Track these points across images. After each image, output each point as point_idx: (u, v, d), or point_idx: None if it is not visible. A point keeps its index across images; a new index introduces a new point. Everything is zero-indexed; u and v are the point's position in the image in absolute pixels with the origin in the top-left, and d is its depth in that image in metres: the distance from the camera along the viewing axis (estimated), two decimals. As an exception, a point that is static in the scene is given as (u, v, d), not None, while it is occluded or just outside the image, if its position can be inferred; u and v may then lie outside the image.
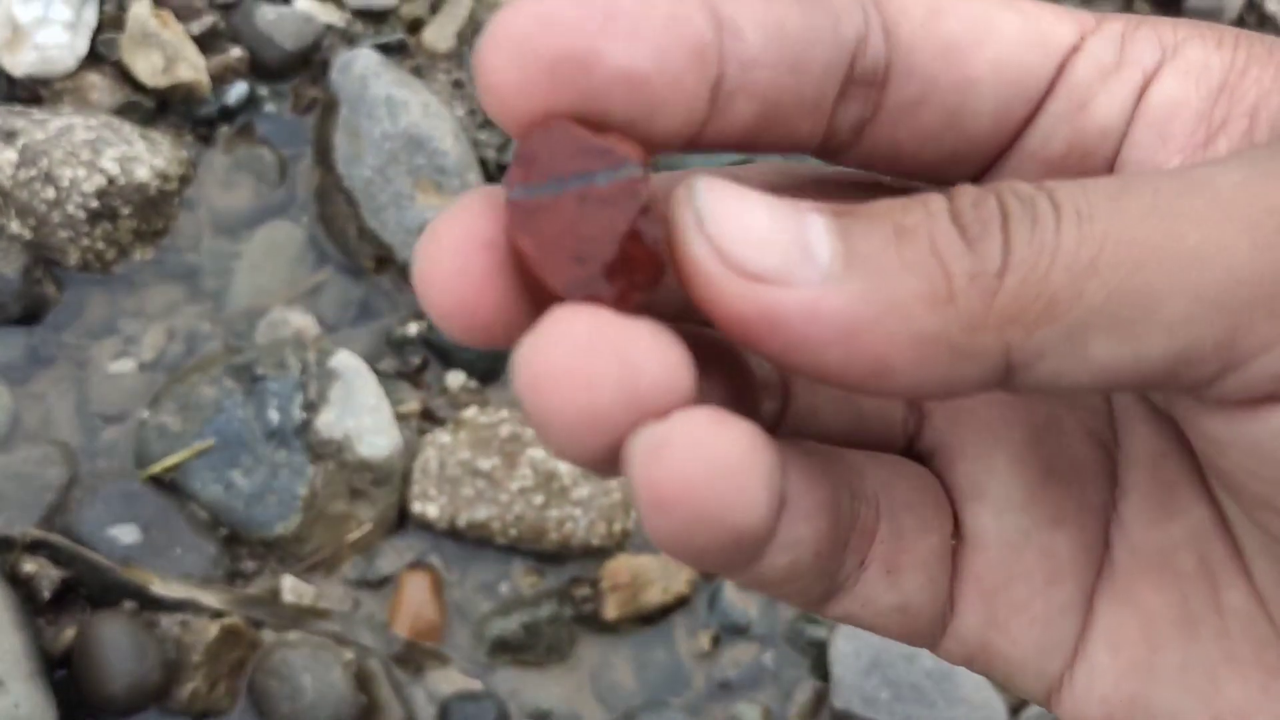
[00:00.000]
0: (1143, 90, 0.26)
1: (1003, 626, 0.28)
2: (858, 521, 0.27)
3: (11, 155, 1.11)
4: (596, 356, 0.21)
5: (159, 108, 1.21)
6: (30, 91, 1.19)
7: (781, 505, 0.24)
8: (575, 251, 0.22)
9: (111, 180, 1.13)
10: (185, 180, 1.20)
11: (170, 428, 1.09)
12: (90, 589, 1.03)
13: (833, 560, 0.26)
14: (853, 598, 0.27)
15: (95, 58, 1.20)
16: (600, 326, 0.21)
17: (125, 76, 1.20)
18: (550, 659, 1.10)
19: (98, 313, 1.15)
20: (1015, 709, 1.11)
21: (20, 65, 1.18)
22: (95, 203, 1.12)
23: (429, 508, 1.11)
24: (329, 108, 1.22)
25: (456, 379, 1.17)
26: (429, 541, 1.12)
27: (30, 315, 1.13)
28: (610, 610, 1.11)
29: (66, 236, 1.13)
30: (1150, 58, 0.26)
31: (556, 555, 1.12)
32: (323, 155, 1.21)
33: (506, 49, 0.22)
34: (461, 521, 1.11)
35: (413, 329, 1.17)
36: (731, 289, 0.21)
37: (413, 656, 1.08)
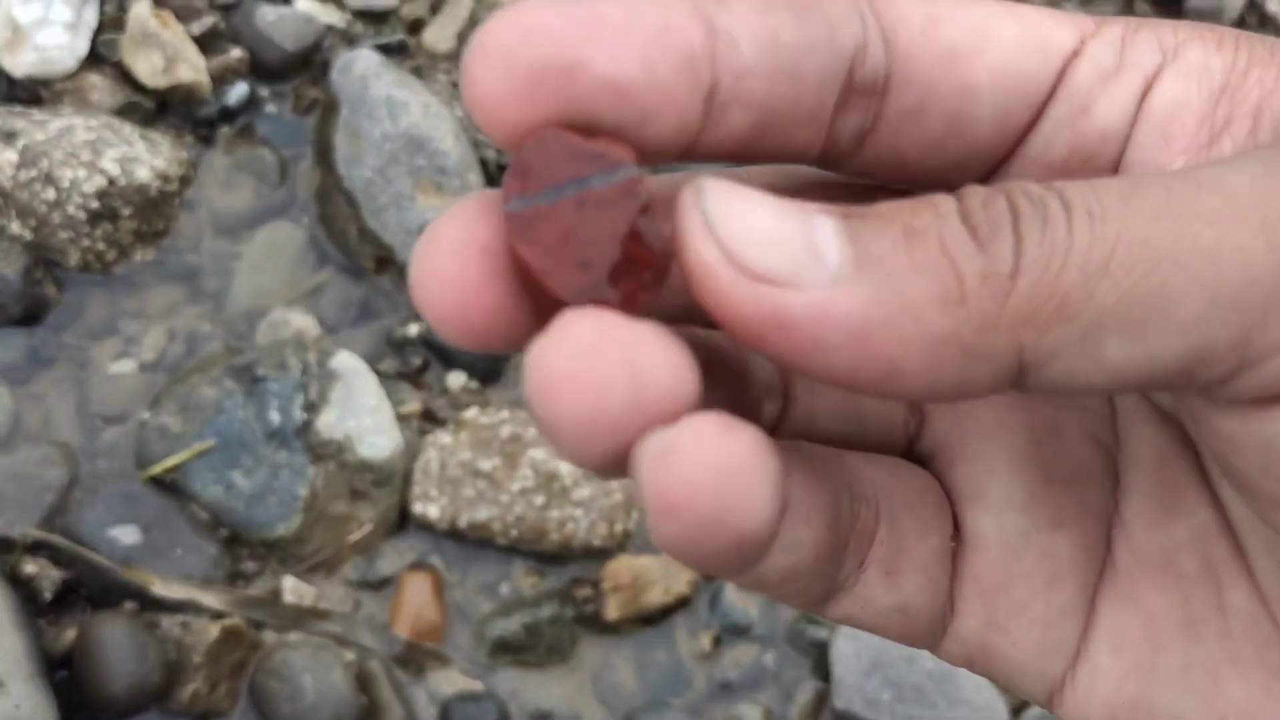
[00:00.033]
0: (1144, 93, 0.26)
1: (1003, 628, 0.28)
2: (857, 523, 0.27)
3: (12, 156, 1.11)
4: (605, 361, 0.21)
5: (159, 108, 1.21)
6: (30, 92, 1.19)
7: (784, 509, 0.24)
8: (579, 257, 0.22)
9: (112, 181, 1.13)
10: (186, 181, 1.20)
11: (171, 428, 1.09)
12: (91, 590, 1.03)
13: (832, 562, 0.27)
14: (852, 598, 0.27)
15: (95, 58, 1.20)
16: (609, 331, 0.21)
17: (125, 77, 1.20)
18: (551, 660, 1.10)
19: (98, 313, 1.15)
20: (1017, 710, 1.11)
21: (20, 66, 1.18)
22: (96, 203, 1.12)
23: (430, 508, 1.11)
24: (329, 108, 1.22)
25: (457, 380, 1.17)
26: (430, 542, 1.12)
27: (31, 316, 1.13)
28: (611, 611, 1.11)
29: (67, 237, 1.13)
30: (1151, 60, 0.26)
31: (557, 556, 1.12)
32: (323, 156, 1.21)
33: (491, 60, 0.22)
34: (462, 522, 1.11)
35: (413, 330, 1.17)
36: (740, 291, 0.21)
37: (414, 657, 1.08)
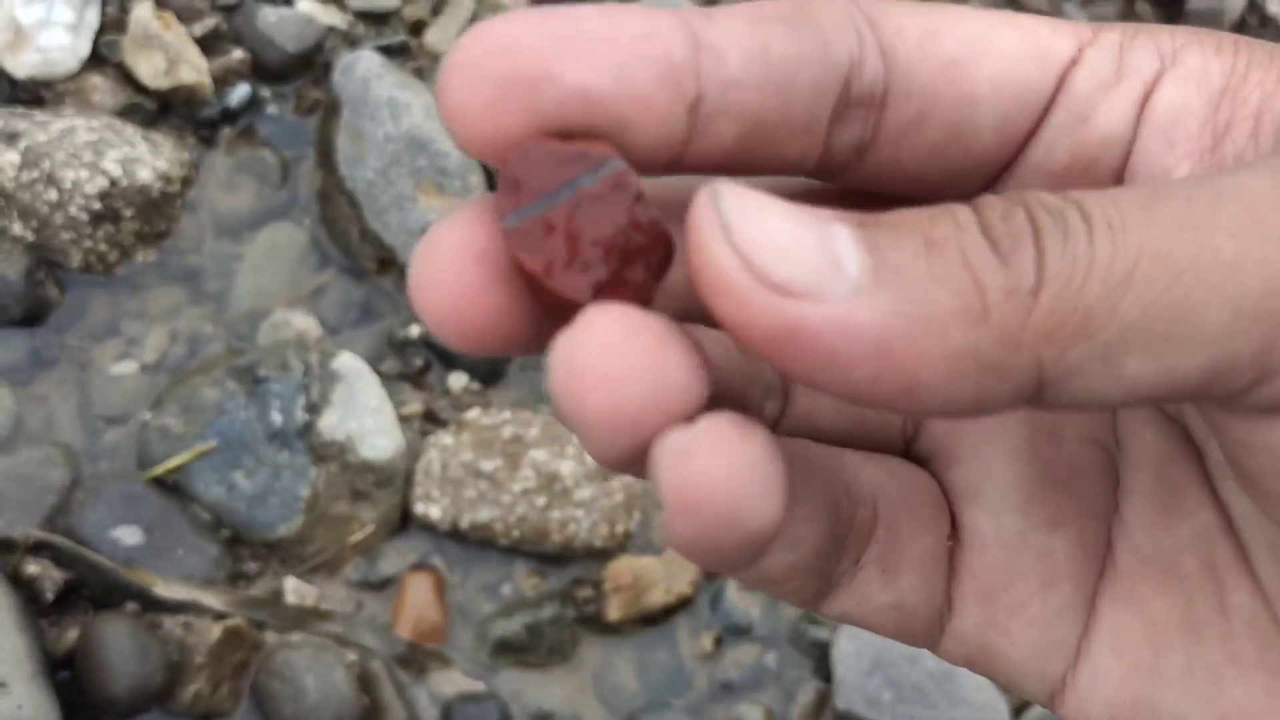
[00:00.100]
0: (1144, 99, 0.26)
1: (1002, 627, 0.28)
2: (855, 521, 0.27)
3: (14, 157, 1.11)
4: (629, 357, 0.21)
5: (161, 109, 1.22)
6: (32, 93, 1.19)
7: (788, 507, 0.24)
8: (585, 257, 0.22)
9: (114, 182, 1.13)
10: (187, 182, 1.20)
11: (172, 429, 1.09)
12: (93, 590, 1.03)
13: (830, 559, 0.27)
14: (849, 595, 0.28)
15: (97, 59, 1.20)
16: (632, 327, 0.21)
17: (127, 78, 1.21)
18: (553, 660, 1.10)
19: (100, 314, 1.15)
20: (1018, 710, 1.11)
21: (22, 67, 1.18)
22: (97, 204, 1.12)
23: (431, 509, 1.11)
24: (331, 109, 1.22)
25: (459, 380, 1.17)
26: (431, 543, 1.12)
27: (32, 317, 1.13)
28: (612, 611, 1.11)
29: (69, 238, 1.13)
30: (1149, 66, 0.26)
31: (559, 556, 1.12)
32: (325, 157, 1.21)
33: (463, 73, 0.22)
34: (464, 523, 1.11)
35: (415, 331, 1.17)
36: (758, 301, 0.21)
37: (415, 658, 1.08)
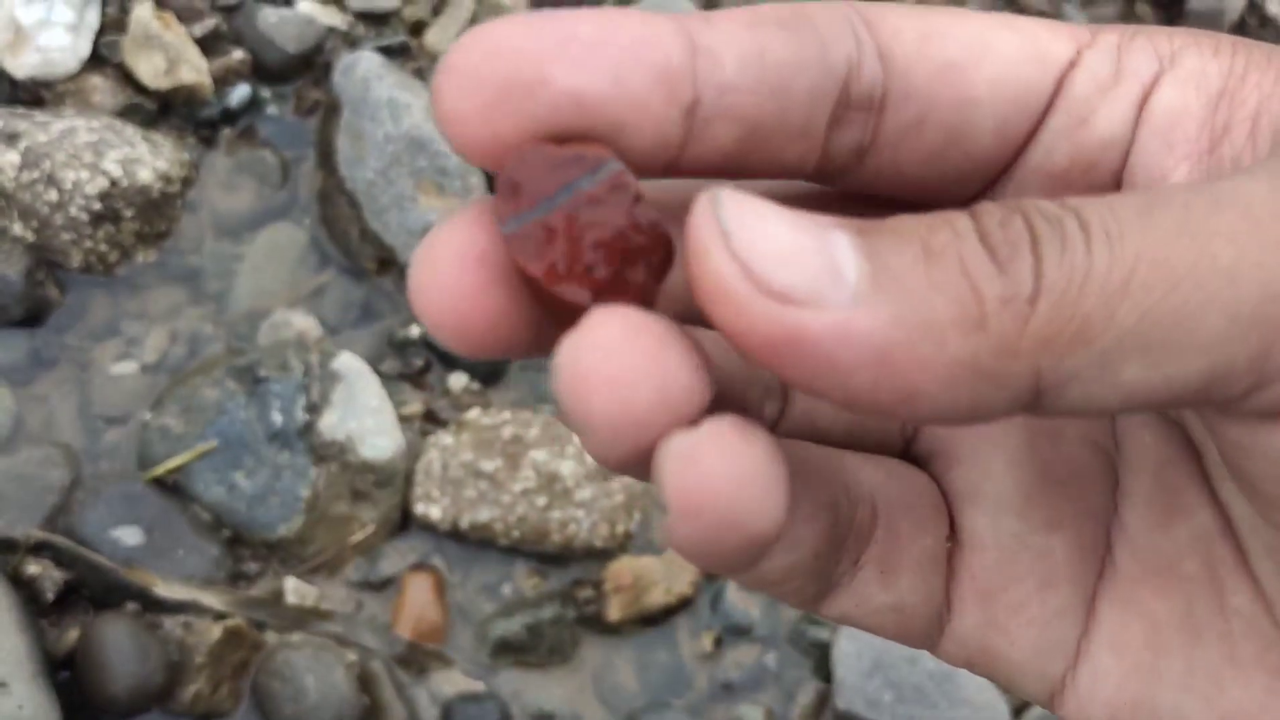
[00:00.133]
0: (1143, 101, 0.26)
1: (1001, 628, 0.28)
2: (854, 523, 0.27)
3: (14, 157, 1.11)
4: (636, 359, 0.21)
5: (161, 110, 1.22)
6: (32, 94, 1.19)
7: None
8: (587, 259, 0.22)
9: (114, 182, 1.13)
10: (187, 182, 1.20)
11: (173, 429, 1.09)
12: (93, 591, 1.03)
13: (830, 560, 0.27)
14: (848, 596, 0.28)
15: (97, 60, 1.20)
16: (638, 329, 0.22)
17: (127, 79, 1.21)
18: (553, 660, 1.10)
19: (100, 315, 1.15)
20: (1018, 710, 1.11)
21: (23, 67, 1.18)
22: (98, 205, 1.12)
23: (431, 509, 1.11)
24: (331, 110, 1.22)
25: (459, 381, 1.17)
26: (431, 543, 1.12)
27: (33, 317, 1.13)
28: (613, 612, 1.11)
29: (69, 239, 1.13)
30: (1148, 68, 0.26)
31: (559, 557, 1.12)
32: (325, 157, 1.21)
33: (457, 78, 0.22)
34: (464, 523, 1.11)
35: (415, 331, 1.17)
36: (758, 309, 0.21)
37: (415, 658, 1.08)
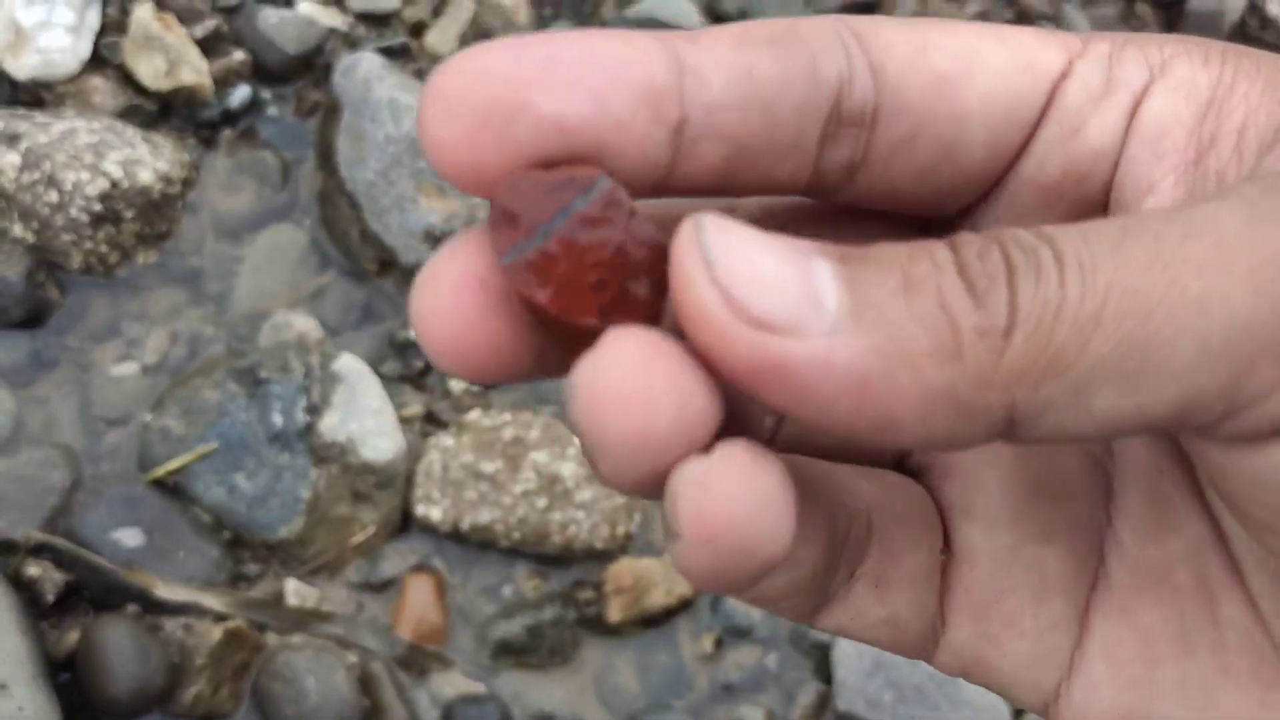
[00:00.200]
0: (1133, 110, 0.26)
1: (995, 640, 0.28)
2: (850, 537, 0.27)
3: (14, 158, 1.12)
4: (655, 381, 0.21)
5: (161, 111, 1.22)
6: (33, 95, 1.19)
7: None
8: (591, 281, 0.22)
9: (114, 183, 1.13)
10: (188, 183, 1.20)
11: (173, 431, 1.09)
12: (93, 592, 1.03)
13: (827, 576, 0.27)
14: (843, 610, 0.28)
15: (98, 61, 1.21)
16: (655, 351, 0.22)
17: (128, 80, 1.21)
18: (553, 662, 1.10)
19: (100, 316, 1.15)
20: (1019, 712, 1.11)
21: (23, 68, 1.18)
22: (98, 206, 1.12)
23: (432, 511, 1.11)
24: (332, 111, 1.22)
25: (459, 382, 1.17)
26: (432, 544, 1.12)
27: (33, 319, 1.13)
28: (613, 613, 1.11)
29: (69, 240, 1.13)
30: (1139, 78, 0.26)
31: (560, 558, 1.12)
32: (325, 158, 1.21)
33: (441, 104, 0.22)
34: (465, 524, 1.11)
35: (415, 332, 1.17)
36: (739, 336, 0.21)
37: (416, 659, 1.08)
